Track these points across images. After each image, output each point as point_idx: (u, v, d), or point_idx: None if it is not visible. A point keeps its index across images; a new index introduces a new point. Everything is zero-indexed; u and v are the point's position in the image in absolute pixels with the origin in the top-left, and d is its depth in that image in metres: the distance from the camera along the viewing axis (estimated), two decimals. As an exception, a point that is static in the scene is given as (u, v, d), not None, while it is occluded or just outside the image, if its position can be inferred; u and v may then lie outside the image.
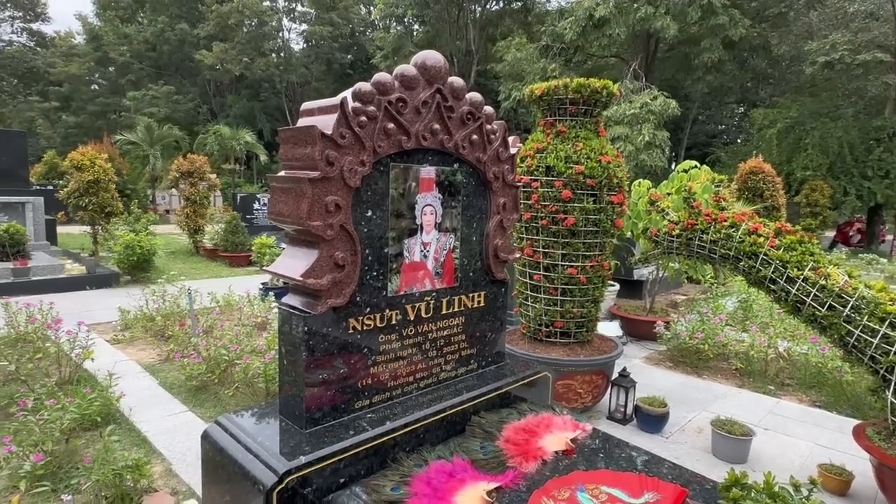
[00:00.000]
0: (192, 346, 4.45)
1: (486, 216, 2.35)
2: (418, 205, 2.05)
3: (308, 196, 1.67)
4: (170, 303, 5.71)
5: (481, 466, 1.82)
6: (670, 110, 16.46)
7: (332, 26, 32.37)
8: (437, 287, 2.16)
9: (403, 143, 1.91)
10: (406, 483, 1.69)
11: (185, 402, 3.91)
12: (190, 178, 11.66)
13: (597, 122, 3.69)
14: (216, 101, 34.34)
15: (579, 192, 3.48)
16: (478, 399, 2.20)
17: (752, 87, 26.92)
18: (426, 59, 1.95)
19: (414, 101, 1.91)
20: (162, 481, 2.87)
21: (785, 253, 2.93)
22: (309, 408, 1.79)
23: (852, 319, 2.69)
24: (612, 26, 17.66)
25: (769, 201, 10.51)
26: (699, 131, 29.77)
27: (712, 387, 4.55)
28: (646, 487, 1.75)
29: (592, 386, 3.65)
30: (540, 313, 3.72)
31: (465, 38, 27.47)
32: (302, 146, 1.72)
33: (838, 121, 16.97)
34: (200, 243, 11.98)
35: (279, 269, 1.83)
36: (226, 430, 1.84)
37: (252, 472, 1.62)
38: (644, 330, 5.71)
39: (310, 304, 1.79)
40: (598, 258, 3.63)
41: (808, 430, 3.71)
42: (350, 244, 1.81)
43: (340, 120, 1.71)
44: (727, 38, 18.05)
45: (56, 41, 35.77)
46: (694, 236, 3.30)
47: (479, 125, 2.18)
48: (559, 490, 1.71)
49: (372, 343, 1.96)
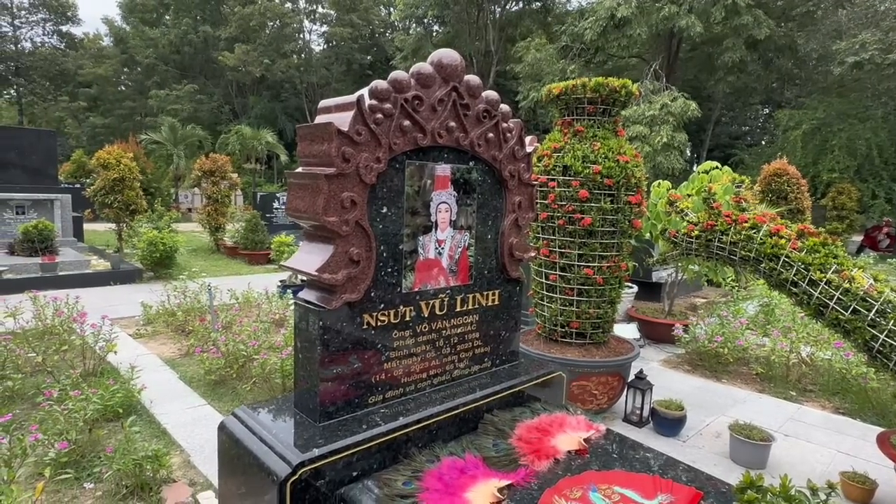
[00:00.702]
0: (212, 341, 4.53)
1: (502, 214, 2.35)
2: (433, 202, 2.06)
3: (324, 192, 1.69)
4: (191, 299, 5.82)
5: (493, 464, 1.82)
6: (690, 112, 16.20)
7: (352, 27, 32.63)
8: (451, 284, 2.17)
9: (419, 141, 1.92)
10: (418, 478, 1.70)
11: (203, 395, 3.99)
12: (212, 177, 11.87)
13: (615, 122, 3.66)
14: (238, 102, 34.88)
15: (596, 192, 3.46)
16: (491, 397, 2.20)
17: (777, 87, 26.36)
18: (442, 58, 1.96)
19: (430, 98, 1.92)
20: (180, 472, 2.93)
21: (807, 255, 2.87)
22: (323, 402, 1.81)
23: (877, 324, 2.62)
24: (634, 26, 17.47)
25: (793, 204, 10.28)
26: (722, 132, 29.26)
27: (731, 391, 4.47)
28: (659, 489, 1.73)
29: (608, 387, 3.62)
30: (556, 313, 3.71)
31: (485, 39, 27.45)
32: (319, 143, 1.75)
33: (867, 122, 16.54)
34: (221, 241, 12.18)
35: (296, 263, 1.86)
36: (242, 422, 1.87)
37: (266, 462, 1.65)
38: (662, 333, 5.64)
39: (325, 300, 1.81)
40: (615, 259, 3.60)
41: (831, 437, 3.62)
42: (365, 240, 1.83)
43: (357, 117, 1.73)
44: (751, 37, 17.72)
45: (85, 42, 36.74)
46: (713, 237, 3.25)
47: (495, 123, 2.18)
48: (571, 489, 1.71)
49: (386, 339, 1.97)
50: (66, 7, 36.24)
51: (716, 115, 25.31)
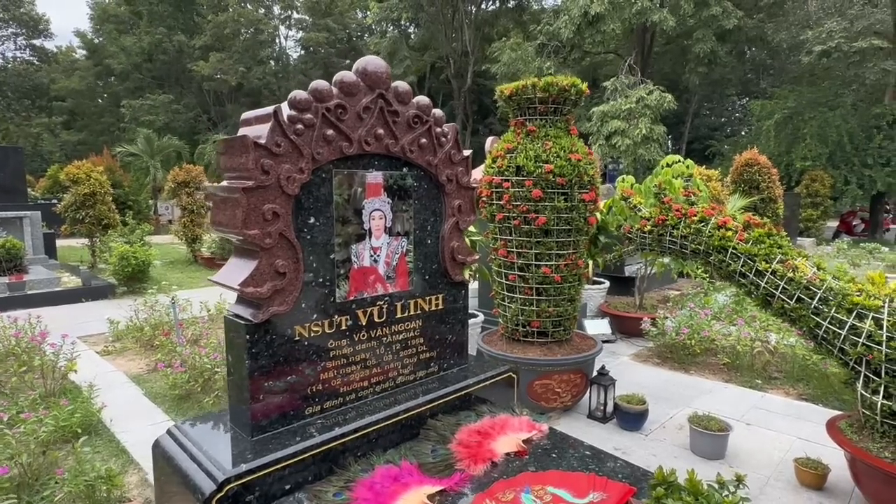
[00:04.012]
0: (177, 355, 4.48)
1: (442, 219, 2.35)
2: (366, 210, 2.05)
3: (243, 205, 1.68)
4: (160, 313, 5.75)
5: (428, 470, 1.82)
6: (666, 104, 16.38)
7: (329, 32, 32.53)
8: (390, 291, 2.17)
9: (345, 150, 1.91)
10: (349, 488, 1.70)
11: (167, 411, 3.94)
12: (186, 188, 11.75)
13: (567, 121, 3.67)
14: (216, 111, 34.58)
15: (550, 191, 3.47)
16: (435, 402, 2.20)
17: (752, 78, 26.73)
18: (367, 65, 1.96)
19: (355, 106, 1.92)
20: (136, 491, 2.89)
21: (753, 246, 2.91)
22: (255, 416, 1.80)
23: (820, 311, 2.66)
24: (608, 22, 17.62)
25: (765, 193, 10.44)
26: (701, 125, 29.59)
27: (699, 382, 4.51)
28: (593, 487, 1.74)
29: (571, 385, 3.64)
30: (516, 313, 3.72)
31: (461, 39, 27.50)
32: (237, 156, 1.73)
33: (837, 109, 16.81)
34: (198, 252, 12.06)
35: (222, 278, 1.84)
36: (175, 440, 1.86)
37: (193, 480, 1.63)
38: (633, 327, 5.68)
39: (253, 313, 1.80)
40: (573, 256, 3.62)
41: (792, 423, 3.67)
42: (291, 251, 1.82)
43: (275, 128, 1.72)
44: (720, 28, 17.97)
45: (58, 56, 36.21)
46: (665, 232, 3.29)
47: (428, 128, 2.18)
48: (504, 492, 1.71)
49: (321, 349, 1.96)
50: (38, 21, 35.68)
51: (694, 108, 25.59)
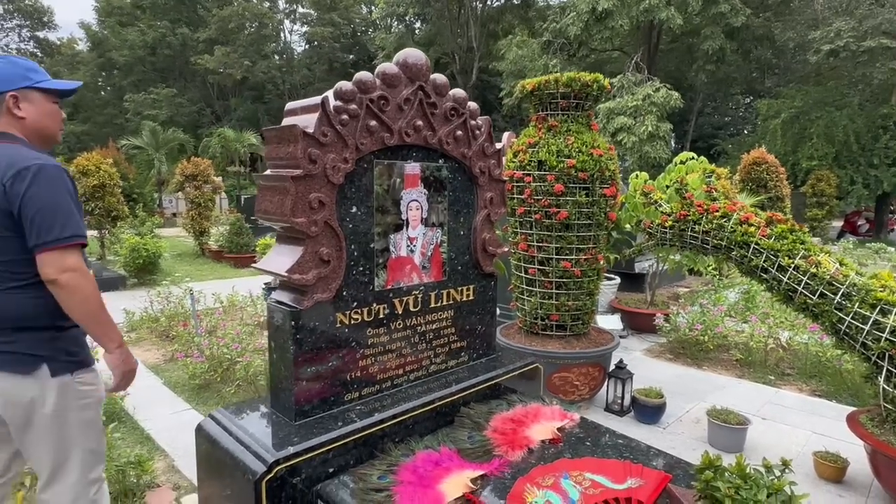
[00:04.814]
0: (195, 345, 4.52)
1: (474, 211, 2.38)
2: (403, 200, 2.08)
3: (292, 193, 1.71)
4: (174, 304, 5.80)
5: (467, 455, 1.86)
6: (672, 102, 16.38)
7: (333, 27, 32.48)
8: (424, 281, 2.20)
9: (386, 140, 1.94)
10: (393, 472, 1.73)
11: (188, 400, 3.98)
12: (194, 181, 11.78)
13: (588, 116, 3.70)
14: (220, 104, 34.58)
15: (571, 186, 3.50)
16: (467, 391, 2.24)
17: (757, 77, 26.68)
18: (407, 58, 1.99)
19: (396, 98, 1.95)
20: (164, 477, 2.93)
21: (776, 242, 2.93)
22: (298, 400, 1.84)
23: (843, 306, 2.69)
24: (616, 18, 17.61)
25: (773, 192, 10.46)
26: (705, 123, 29.57)
27: (712, 378, 4.55)
28: (629, 473, 1.78)
29: (589, 378, 3.67)
30: (535, 307, 3.75)
31: (467, 36, 27.47)
32: (285, 145, 1.76)
33: (844, 109, 16.80)
34: (206, 245, 12.10)
35: (267, 265, 1.88)
36: (219, 424, 1.89)
37: (242, 462, 1.67)
38: (645, 323, 5.72)
39: (297, 300, 1.83)
40: (592, 251, 3.65)
41: (807, 418, 3.71)
42: (335, 240, 1.85)
43: (322, 118, 1.75)
44: (728, 25, 17.94)
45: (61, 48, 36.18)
46: (686, 227, 3.32)
47: (464, 121, 2.21)
48: (543, 477, 1.75)
49: (360, 337, 2.00)
50: (42, 12, 35.67)
51: (698, 106, 25.56)
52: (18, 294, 1.56)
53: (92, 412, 1.70)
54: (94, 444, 1.72)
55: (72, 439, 1.66)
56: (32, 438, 1.62)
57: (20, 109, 1.60)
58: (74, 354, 1.66)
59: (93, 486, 1.73)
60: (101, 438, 1.77)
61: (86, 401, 1.68)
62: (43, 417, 1.60)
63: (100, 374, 1.81)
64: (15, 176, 1.48)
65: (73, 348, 1.66)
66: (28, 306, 1.56)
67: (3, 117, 1.60)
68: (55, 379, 1.60)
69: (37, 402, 1.58)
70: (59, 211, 1.50)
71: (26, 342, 1.57)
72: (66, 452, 1.66)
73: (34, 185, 1.48)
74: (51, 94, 1.67)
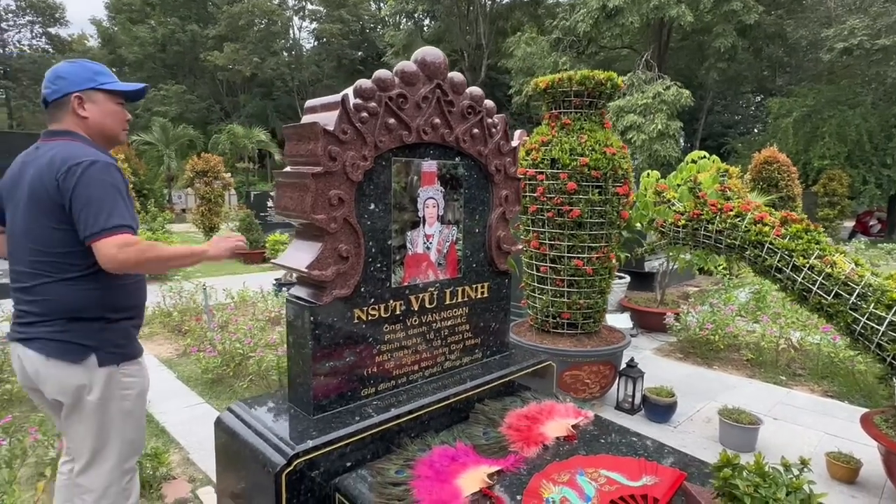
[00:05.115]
0: (208, 340, 4.57)
1: (489, 208, 2.39)
2: (420, 198, 2.10)
3: (312, 190, 1.73)
4: (186, 299, 5.85)
5: (483, 451, 1.88)
6: (683, 100, 16.29)
7: (342, 23, 32.51)
8: (440, 278, 2.22)
9: (405, 138, 1.96)
10: (410, 466, 1.75)
11: (201, 394, 4.03)
12: (205, 177, 11.87)
13: (601, 114, 3.70)
14: (229, 101, 34.74)
15: (584, 184, 3.50)
16: (482, 387, 2.25)
17: (768, 75, 26.43)
18: (426, 56, 2.00)
19: (414, 96, 1.96)
20: (180, 469, 2.98)
21: (791, 241, 2.92)
22: (316, 395, 1.86)
23: (858, 307, 2.68)
24: (626, 15, 17.51)
25: (784, 191, 10.39)
26: (714, 122, 29.36)
27: (722, 377, 4.54)
28: (644, 471, 1.79)
29: (600, 376, 3.68)
30: (547, 305, 3.76)
31: (476, 33, 27.41)
32: (305, 142, 1.78)
33: (857, 108, 16.63)
34: (216, 241, 12.17)
35: (286, 261, 1.90)
36: (238, 417, 1.92)
37: (262, 454, 1.69)
38: (654, 322, 5.71)
39: (316, 296, 1.85)
40: (605, 249, 3.65)
41: (819, 419, 3.70)
42: (354, 237, 1.87)
43: (342, 116, 1.77)
44: (741, 23, 17.78)
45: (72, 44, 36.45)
46: (700, 226, 3.31)
47: (480, 119, 2.22)
48: (559, 473, 1.76)
49: (377, 333, 2.02)
50: (54, 9, 35.94)
51: (708, 105, 25.39)
52: (72, 285, 1.65)
53: (133, 403, 1.81)
54: (132, 435, 1.83)
55: (112, 427, 1.76)
56: (76, 423, 1.73)
57: (84, 110, 1.71)
58: (121, 346, 1.76)
59: (126, 476, 1.83)
60: (139, 430, 1.88)
61: (128, 391, 1.78)
62: (88, 404, 1.70)
63: (145, 366, 1.91)
64: (66, 172, 1.56)
65: (120, 341, 1.76)
66: (80, 297, 1.65)
67: (69, 116, 1.71)
68: (102, 369, 1.70)
69: (84, 390, 1.69)
70: (105, 204, 1.57)
71: (77, 332, 1.67)
72: (105, 439, 1.75)
73: (82, 180, 1.56)
74: (115, 95, 1.78)
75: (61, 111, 1.72)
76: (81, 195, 1.56)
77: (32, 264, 1.65)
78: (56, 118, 1.73)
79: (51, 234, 1.62)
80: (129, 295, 1.80)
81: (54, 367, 1.66)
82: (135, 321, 1.85)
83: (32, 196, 1.62)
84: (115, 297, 1.73)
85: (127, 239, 1.58)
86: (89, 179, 1.56)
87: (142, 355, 1.88)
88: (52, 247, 1.63)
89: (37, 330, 1.66)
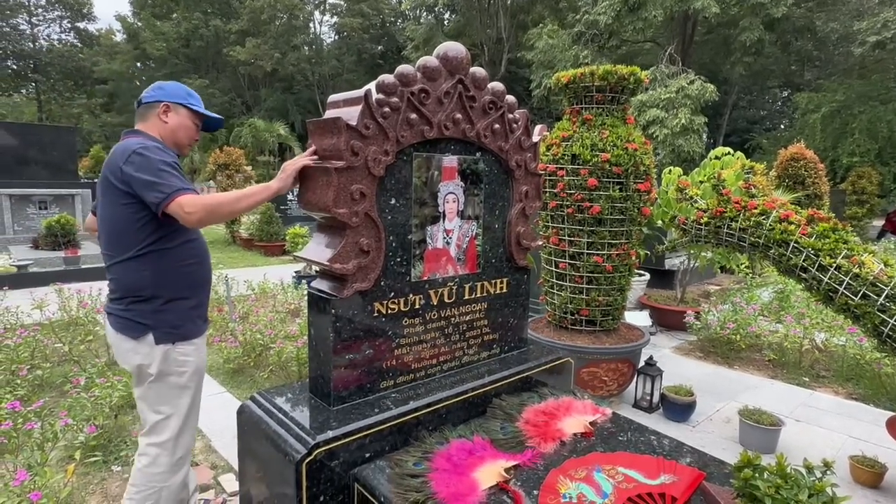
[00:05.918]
0: (230, 331, 4.65)
1: (509, 204, 2.39)
2: (441, 193, 2.10)
3: (334, 185, 1.75)
4: (208, 290, 5.95)
5: (500, 446, 1.89)
6: (707, 94, 15.94)
7: (363, 17, 32.58)
8: (459, 273, 2.23)
9: (426, 133, 1.97)
10: (428, 459, 1.77)
11: (222, 383, 4.11)
12: (226, 171, 12.04)
13: (624, 110, 3.65)
14: (250, 95, 35.12)
15: (605, 180, 3.47)
16: (499, 382, 2.26)
17: (796, 70, 25.75)
18: (448, 51, 2.00)
19: (436, 91, 1.97)
20: (202, 456, 3.05)
21: (817, 240, 2.86)
22: (336, 387, 1.89)
23: (887, 308, 2.61)
24: (649, 8, 17.20)
25: (811, 189, 10.14)
26: (739, 117, 28.74)
27: (743, 377, 4.48)
28: (663, 470, 1.78)
29: (618, 374, 3.66)
30: (565, 301, 3.74)
31: (496, 26, 27.22)
32: (328, 137, 1.80)
33: (889, 104, 16.12)
34: (237, 233, 12.37)
35: (308, 254, 1.93)
36: (260, 406, 1.96)
37: (284, 444, 1.73)
38: (674, 320, 5.65)
39: (337, 289, 1.88)
40: (625, 246, 3.62)
41: (843, 421, 3.62)
42: (375, 231, 1.89)
43: (365, 111, 1.78)
44: (768, 16, 17.33)
45: (100, 39, 37.20)
46: (723, 224, 3.25)
47: (501, 114, 2.22)
48: (576, 469, 1.76)
49: (396, 326, 2.04)
50: (82, 4, 36.67)
51: (732, 100, 24.85)
52: (130, 264, 1.84)
53: (188, 378, 1.97)
54: (186, 409, 1.98)
55: (168, 401, 1.94)
56: (139, 394, 1.94)
57: (167, 116, 1.96)
58: (177, 327, 1.92)
59: (178, 450, 1.99)
60: (194, 406, 2.04)
61: (183, 369, 1.94)
62: (148, 377, 1.90)
63: (202, 346, 2.05)
64: (126, 158, 1.77)
65: (176, 322, 1.91)
66: (136, 278, 1.85)
67: (154, 119, 1.96)
68: (159, 347, 1.88)
69: (143, 365, 1.88)
70: (161, 176, 1.75)
71: (136, 311, 1.86)
72: (160, 412, 1.93)
73: (138, 161, 1.76)
74: (196, 115, 2.04)
75: (149, 112, 1.96)
76: (140, 174, 1.74)
77: (107, 245, 1.89)
78: (143, 117, 1.97)
79: (115, 213, 1.82)
80: (182, 277, 1.93)
81: (122, 340, 1.88)
82: (190, 302, 1.96)
83: (105, 181, 1.84)
84: (167, 279, 1.88)
85: (189, 197, 1.73)
86: (144, 160, 1.76)
87: (200, 336, 2.03)
88: (115, 228, 1.84)
89: (113, 306, 1.91)
